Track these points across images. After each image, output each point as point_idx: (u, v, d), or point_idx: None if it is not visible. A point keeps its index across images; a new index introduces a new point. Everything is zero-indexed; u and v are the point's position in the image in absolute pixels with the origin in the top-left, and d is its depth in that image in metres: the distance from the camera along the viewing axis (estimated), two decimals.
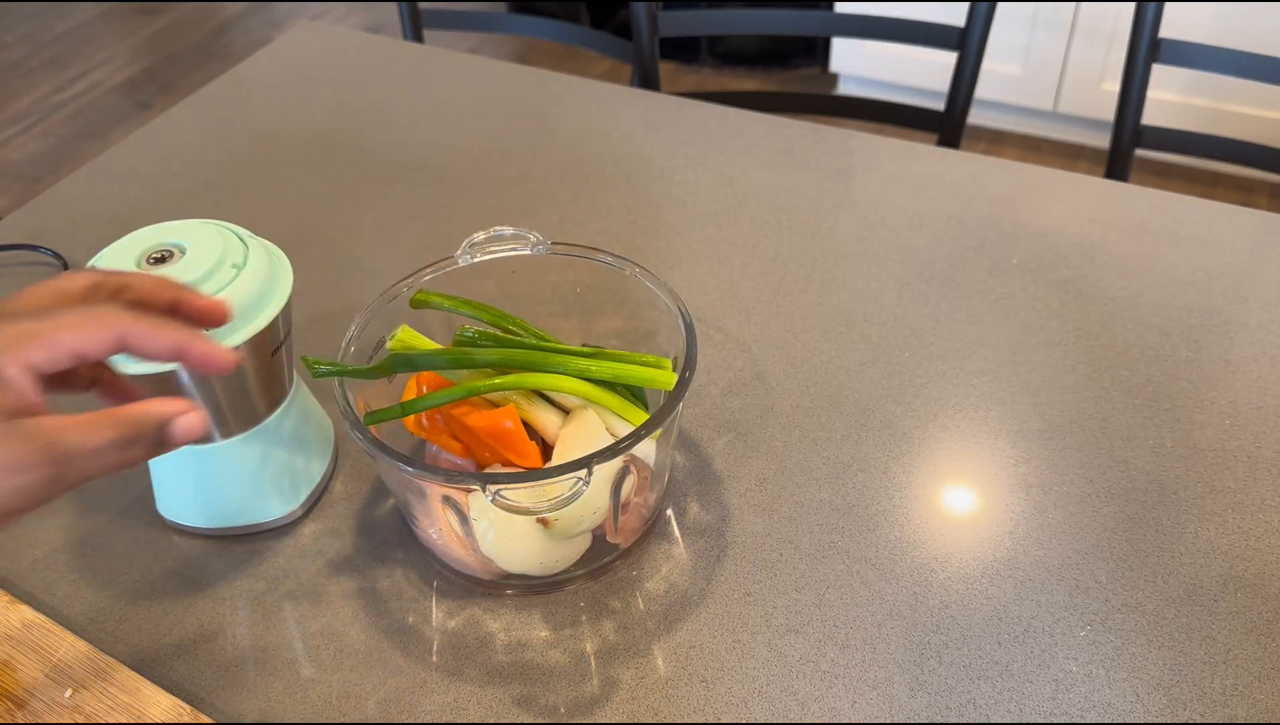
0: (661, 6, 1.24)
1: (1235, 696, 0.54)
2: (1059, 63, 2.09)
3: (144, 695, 0.55)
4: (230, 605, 0.61)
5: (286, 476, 0.64)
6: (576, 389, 0.59)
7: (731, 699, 0.55)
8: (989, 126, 2.32)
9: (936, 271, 0.82)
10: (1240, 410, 0.70)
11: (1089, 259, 0.83)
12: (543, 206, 0.91)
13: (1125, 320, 0.77)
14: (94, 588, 0.62)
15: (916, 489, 0.65)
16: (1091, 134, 2.21)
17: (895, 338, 0.76)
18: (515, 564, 0.59)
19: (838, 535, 0.63)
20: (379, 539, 0.64)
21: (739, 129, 1.00)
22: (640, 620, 0.59)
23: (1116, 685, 0.55)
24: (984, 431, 0.69)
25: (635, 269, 0.64)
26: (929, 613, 0.58)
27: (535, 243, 0.65)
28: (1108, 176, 1.17)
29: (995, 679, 0.55)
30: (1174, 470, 0.66)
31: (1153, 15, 1.09)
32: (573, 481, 0.52)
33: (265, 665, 0.58)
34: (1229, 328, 0.76)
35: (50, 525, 0.66)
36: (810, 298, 0.80)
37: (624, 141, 0.99)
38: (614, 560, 0.62)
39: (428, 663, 0.57)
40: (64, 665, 0.56)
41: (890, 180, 0.93)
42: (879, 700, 0.55)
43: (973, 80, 1.19)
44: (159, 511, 0.65)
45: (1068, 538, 0.62)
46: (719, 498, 0.65)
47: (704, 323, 0.78)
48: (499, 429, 0.58)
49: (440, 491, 0.56)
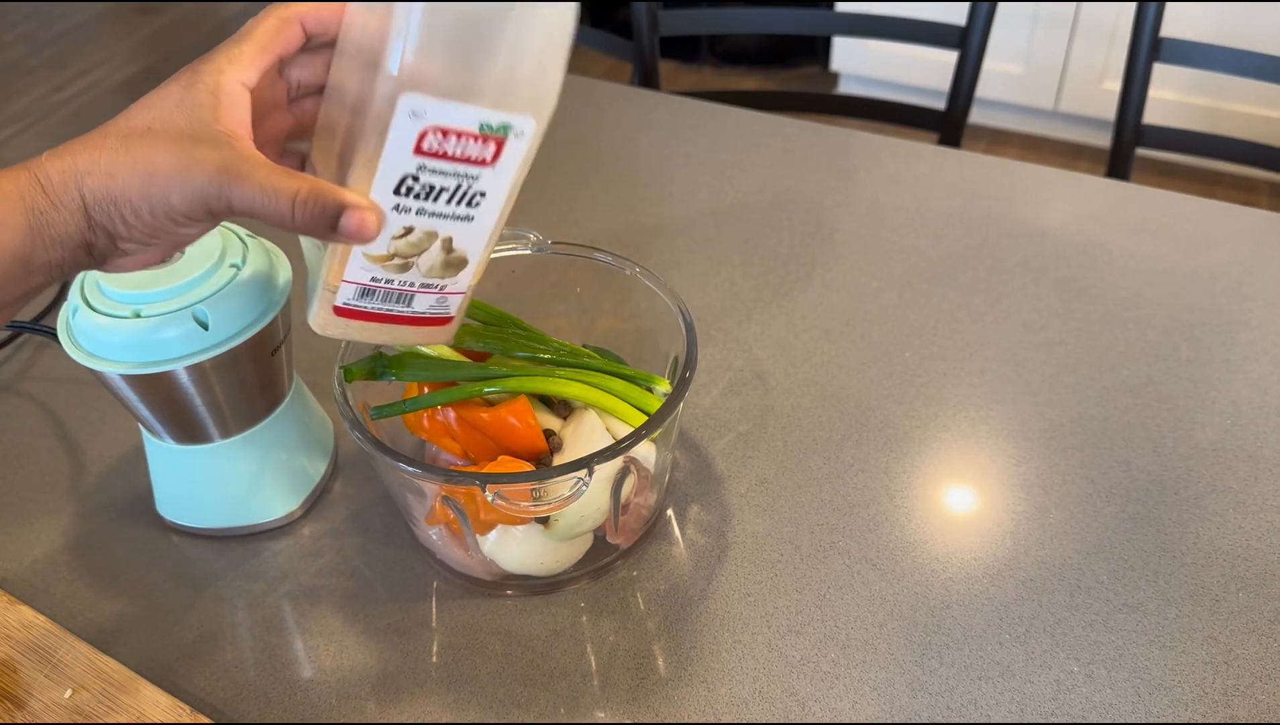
0: (662, 6, 1.24)
1: (1237, 697, 0.54)
2: (1060, 62, 2.09)
3: (144, 695, 0.55)
4: (230, 605, 0.61)
5: (286, 476, 0.64)
6: (577, 393, 0.58)
7: (732, 699, 0.55)
8: (990, 126, 2.32)
9: (937, 271, 0.82)
10: (1241, 410, 0.69)
11: (1090, 258, 0.83)
12: (543, 206, 0.91)
13: (1126, 320, 0.77)
14: (94, 588, 0.62)
15: (917, 489, 0.65)
16: (1092, 133, 2.21)
17: (896, 337, 0.76)
18: (516, 564, 0.59)
19: (838, 535, 0.63)
20: (379, 539, 0.64)
21: (739, 128, 1.00)
22: (640, 620, 0.59)
23: (1118, 685, 0.55)
24: (985, 431, 0.69)
25: (635, 269, 0.64)
26: (930, 613, 0.58)
27: (535, 242, 0.65)
28: (1108, 176, 1.17)
29: (996, 679, 0.55)
30: (1175, 470, 0.66)
31: (1154, 14, 1.09)
32: (573, 481, 0.52)
33: (265, 665, 0.58)
34: (1230, 327, 0.76)
35: (50, 525, 0.66)
36: (810, 298, 0.80)
37: (624, 141, 0.99)
38: (614, 560, 0.62)
39: (428, 663, 0.57)
40: (64, 665, 0.56)
41: (890, 180, 0.93)
42: (880, 701, 0.54)
43: (973, 79, 1.19)
44: (159, 511, 0.65)
45: (1069, 538, 0.62)
46: (719, 498, 0.65)
47: (704, 323, 0.78)
48: (506, 424, 0.58)
49: (440, 491, 0.56)
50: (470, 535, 0.58)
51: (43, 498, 0.68)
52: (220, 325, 0.55)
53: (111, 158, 0.40)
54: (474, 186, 0.45)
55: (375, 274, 0.47)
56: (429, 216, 0.46)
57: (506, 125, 0.44)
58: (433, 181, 0.44)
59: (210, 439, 0.61)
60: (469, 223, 0.47)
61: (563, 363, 0.60)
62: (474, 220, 0.47)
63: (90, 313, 0.55)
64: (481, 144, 0.44)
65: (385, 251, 0.46)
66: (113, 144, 0.40)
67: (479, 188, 0.46)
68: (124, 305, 0.54)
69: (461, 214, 0.46)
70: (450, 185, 0.45)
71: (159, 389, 0.56)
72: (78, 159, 0.40)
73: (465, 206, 0.46)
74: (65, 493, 0.68)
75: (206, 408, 0.58)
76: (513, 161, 0.45)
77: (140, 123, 0.41)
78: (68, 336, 0.56)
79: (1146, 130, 1.15)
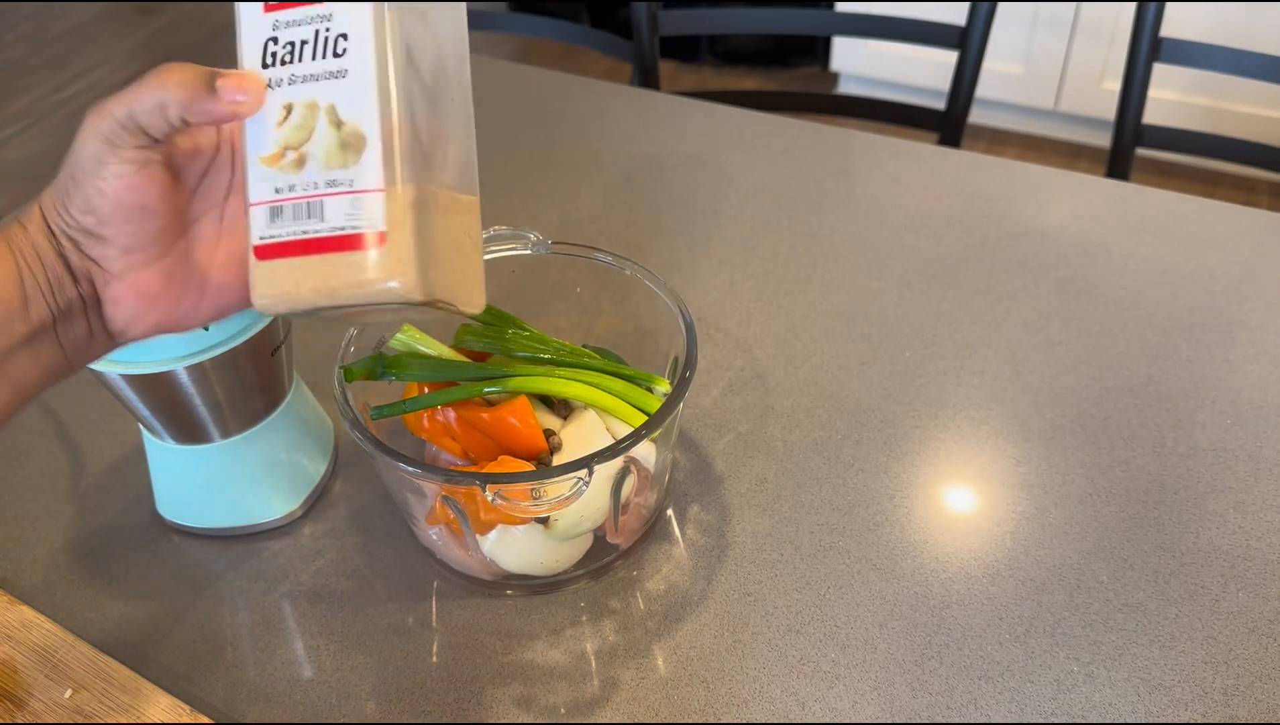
0: (661, 6, 1.24)
1: (1236, 696, 0.54)
2: (1060, 62, 2.08)
3: (144, 695, 0.55)
4: (230, 605, 0.61)
5: (286, 476, 0.64)
6: (577, 393, 0.58)
7: (732, 699, 0.55)
8: (990, 126, 2.32)
9: (937, 271, 0.82)
10: (1241, 410, 0.69)
11: (1090, 258, 0.83)
12: (543, 206, 0.91)
13: (1126, 320, 0.77)
14: (94, 587, 0.62)
15: (917, 489, 0.65)
16: (1092, 133, 2.21)
17: (895, 338, 0.76)
18: (516, 564, 0.59)
19: (838, 535, 0.63)
20: (379, 539, 0.64)
21: (739, 128, 1.00)
22: (640, 620, 0.59)
23: (1118, 685, 0.55)
24: (985, 431, 0.69)
25: (635, 269, 0.64)
26: (930, 613, 0.58)
27: (535, 242, 0.65)
28: (1108, 176, 1.17)
29: (996, 679, 0.55)
30: (1175, 470, 0.66)
31: (1153, 14, 1.09)
32: (573, 481, 0.52)
33: (265, 665, 0.58)
34: (1230, 327, 0.76)
35: (50, 525, 0.66)
36: (810, 298, 0.80)
37: (624, 141, 0.99)
38: (614, 560, 0.62)
39: (428, 663, 0.57)
40: (64, 665, 0.56)
41: (890, 180, 0.93)
42: (880, 700, 0.54)
43: (973, 79, 1.19)
44: (159, 511, 0.65)
45: (1069, 537, 0.62)
46: (719, 498, 0.65)
47: (704, 323, 0.78)
48: (506, 424, 0.58)
49: (440, 491, 0.56)
50: (470, 535, 0.58)
51: (43, 498, 0.68)
52: (220, 325, 0.55)
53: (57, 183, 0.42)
54: (331, 28, 0.41)
55: (275, 183, 0.42)
56: (302, 83, 0.42)
57: None
58: (291, 38, 0.41)
59: (210, 439, 0.61)
60: (344, 80, 0.41)
61: (563, 363, 0.60)
62: (348, 74, 0.41)
63: None
64: None
65: (276, 147, 0.42)
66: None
67: (337, 29, 0.41)
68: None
69: (332, 69, 0.41)
70: (309, 35, 0.41)
71: (159, 389, 0.56)
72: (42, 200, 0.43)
73: (332, 58, 0.42)
74: (65, 493, 0.68)
75: (206, 408, 0.58)
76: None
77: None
78: None
79: (1146, 130, 1.15)
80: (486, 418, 0.57)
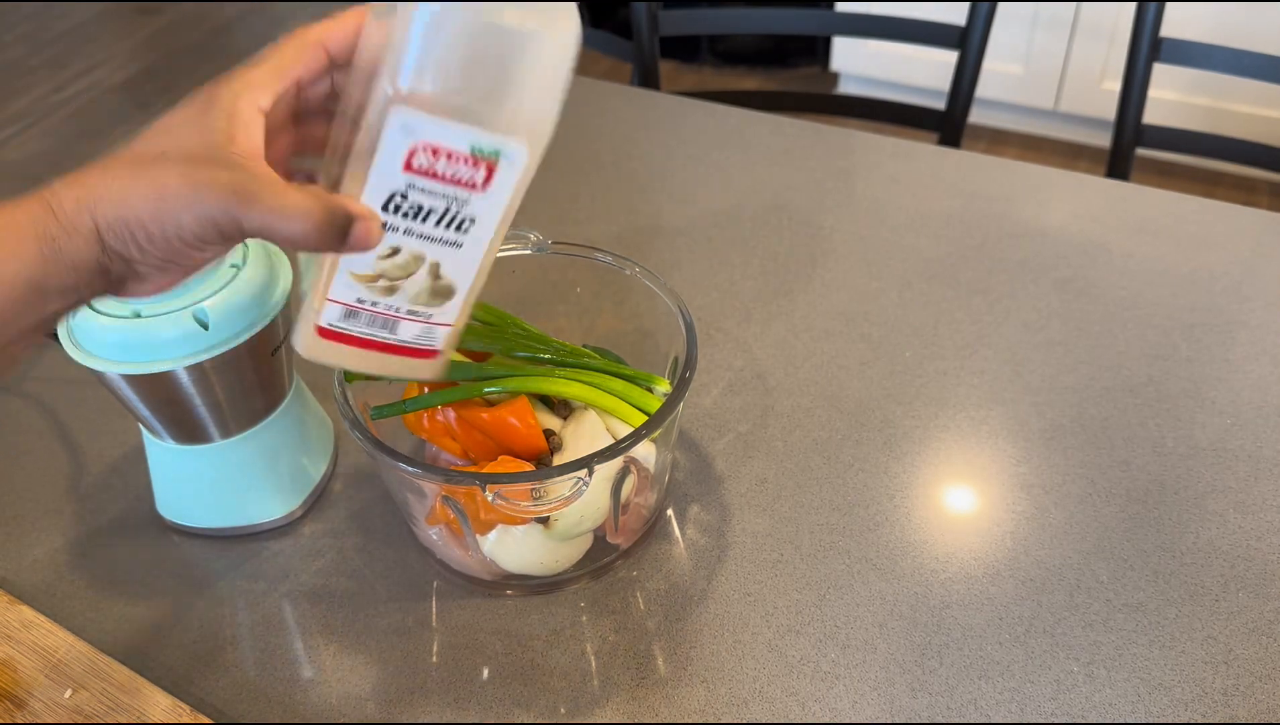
0: (662, 6, 1.24)
1: (1236, 696, 0.54)
2: (1060, 62, 2.09)
3: (144, 695, 0.55)
4: (230, 605, 0.61)
5: (286, 476, 0.64)
6: (577, 393, 0.58)
7: (731, 699, 0.55)
8: (990, 126, 2.32)
9: (937, 271, 0.82)
10: (1241, 410, 0.69)
11: (1089, 258, 0.83)
12: (543, 206, 0.91)
13: (1126, 320, 0.77)
14: (94, 588, 0.62)
15: (917, 489, 0.65)
16: (1092, 133, 2.21)
17: (895, 338, 0.76)
18: (516, 564, 0.59)
19: (838, 535, 0.63)
20: (379, 539, 0.64)
21: (739, 128, 1.00)
22: (640, 620, 0.59)
23: (1118, 685, 0.55)
24: (985, 431, 0.69)
25: (635, 269, 0.64)
26: (930, 613, 0.58)
27: (535, 242, 0.65)
28: (1108, 176, 1.17)
29: (996, 679, 0.55)
30: (1175, 470, 0.66)
31: (1153, 14, 1.09)
32: (573, 481, 0.52)
33: (265, 665, 0.58)
34: (1230, 327, 0.76)
35: (50, 525, 0.66)
36: (810, 298, 0.80)
37: (624, 141, 0.99)
38: (614, 560, 0.62)
39: (428, 663, 0.57)
40: (64, 665, 0.56)
41: (890, 180, 0.93)
42: (880, 700, 0.54)
43: (973, 79, 1.19)
44: (159, 511, 0.65)
45: (1069, 538, 0.62)
46: (719, 498, 0.65)
47: (704, 323, 0.78)
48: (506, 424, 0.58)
49: (440, 491, 0.56)
50: (470, 535, 0.58)
51: (43, 498, 0.68)
52: (220, 325, 0.55)
53: (124, 183, 0.40)
54: (463, 211, 0.45)
55: (360, 295, 0.47)
56: (417, 238, 0.45)
57: (498, 150, 0.43)
58: (421, 201, 0.44)
59: (210, 439, 0.61)
60: (457, 250, 0.46)
61: (563, 363, 0.60)
62: (463, 247, 0.46)
63: (91, 313, 0.55)
64: (472, 167, 0.43)
65: (371, 271, 0.46)
66: (125, 169, 0.40)
67: (469, 213, 0.45)
68: (124, 305, 0.54)
69: (450, 239, 0.46)
70: (439, 207, 0.44)
71: (159, 389, 0.56)
72: (91, 186, 0.40)
73: (454, 231, 0.45)
74: (65, 493, 0.68)
75: (206, 408, 0.58)
76: (504, 188, 0.45)
77: (153, 147, 0.41)
78: (68, 337, 0.56)
79: (1146, 130, 1.15)
80: (486, 418, 0.57)
